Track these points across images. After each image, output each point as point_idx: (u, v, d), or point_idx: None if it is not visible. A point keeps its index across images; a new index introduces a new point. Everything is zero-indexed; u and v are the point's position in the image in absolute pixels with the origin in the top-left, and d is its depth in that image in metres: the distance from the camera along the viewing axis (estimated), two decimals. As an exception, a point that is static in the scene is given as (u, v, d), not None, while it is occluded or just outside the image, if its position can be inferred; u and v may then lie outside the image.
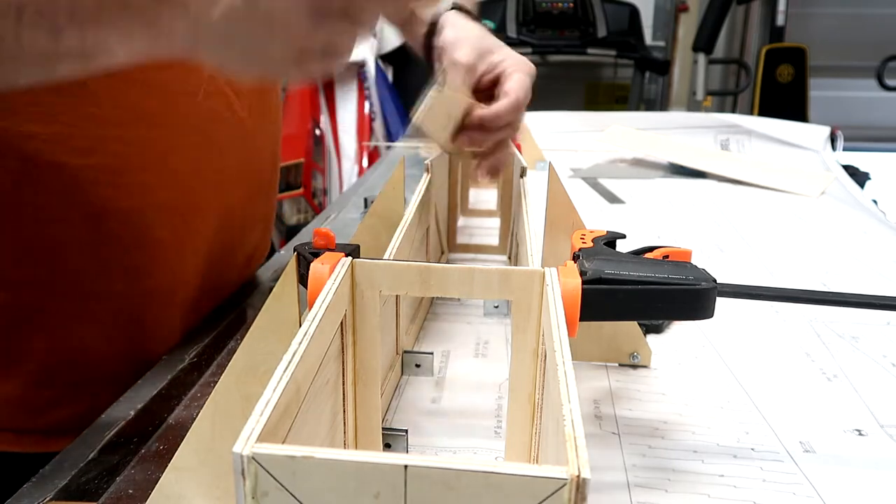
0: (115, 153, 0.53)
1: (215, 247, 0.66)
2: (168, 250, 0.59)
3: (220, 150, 0.61)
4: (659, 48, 3.03)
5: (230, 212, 0.66)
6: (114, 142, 0.53)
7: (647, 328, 0.62)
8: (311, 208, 2.66)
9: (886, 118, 3.21)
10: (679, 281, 0.39)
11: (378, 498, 0.22)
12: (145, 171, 0.55)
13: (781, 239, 0.95)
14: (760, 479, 0.43)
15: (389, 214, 0.58)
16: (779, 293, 0.45)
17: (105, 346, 0.58)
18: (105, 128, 0.52)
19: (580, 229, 0.47)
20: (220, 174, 0.62)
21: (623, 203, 1.14)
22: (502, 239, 0.84)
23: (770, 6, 3.03)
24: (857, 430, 0.49)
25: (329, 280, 0.36)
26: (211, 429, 0.34)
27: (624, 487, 0.42)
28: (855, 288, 0.76)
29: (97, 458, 0.44)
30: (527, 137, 1.31)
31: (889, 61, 2.78)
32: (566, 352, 0.29)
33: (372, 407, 0.40)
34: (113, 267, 0.56)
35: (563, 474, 0.21)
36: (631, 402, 0.52)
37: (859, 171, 2.25)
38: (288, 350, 0.28)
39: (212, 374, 0.55)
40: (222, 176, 0.63)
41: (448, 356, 0.59)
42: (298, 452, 0.21)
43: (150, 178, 0.56)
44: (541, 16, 2.70)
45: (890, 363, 0.59)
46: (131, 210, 0.55)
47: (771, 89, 2.97)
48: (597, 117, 1.69)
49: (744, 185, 1.26)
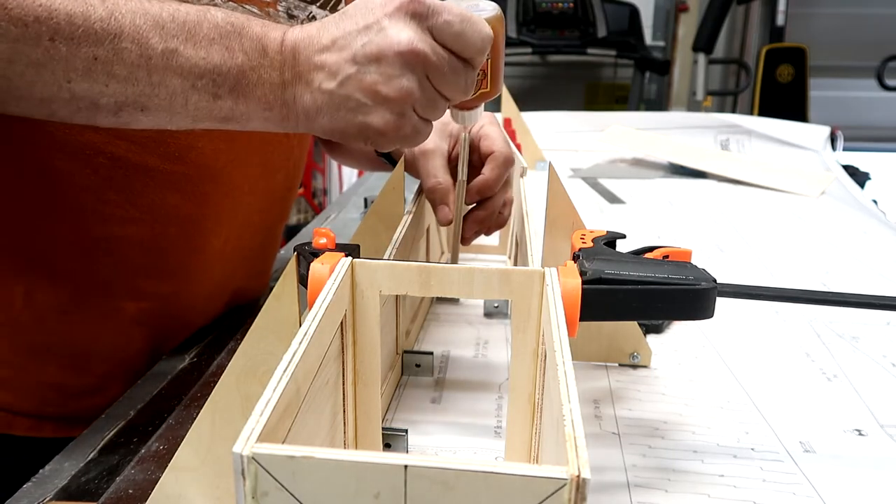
0: (194, 163, 0.56)
1: (256, 259, 0.70)
2: (217, 259, 0.63)
3: (273, 170, 0.65)
4: (659, 48, 3.03)
5: (273, 228, 0.71)
6: (197, 152, 0.56)
7: (647, 328, 0.62)
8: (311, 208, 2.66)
9: (886, 118, 3.21)
10: (679, 281, 0.39)
11: (378, 498, 0.22)
12: (211, 181, 0.58)
13: (781, 239, 0.95)
14: (760, 479, 0.43)
15: (389, 214, 0.58)
16: (779, 293, 0.45)
17: (140, 343, 0.61)
18: (193, 138, 0.55)
19: (580, 229, 0.47)
20: (270, 194, 0.67)
21: (623, 203, 1.14)
22: (502, 239, 0.84)
23: (770, 6, 3.03)
24: (857, 430, 0.49)
25: (329, 280, 0.36)
26: (211, 429, 0.34)
27: (624, 487, 0.42)
28: (855, 288, 0.76)
29: (97, 458, 0.44)
30: (527, 137, 1.31)
31: (889, 61, 2.78)
32: (566, 352, 0.29)
33: (372, 407, 0.40)
34: (164, 269, 0.59)
35: (563, 474, 0.21)
36: (631, 402, 0.52)
37: (859, 171, 2.25)
38: (288, 350, 0.28)
39: (212, 374, 0.55)
40: (273, 196, 0.67)
41: (448, 356, 0.59)
42: (298, 452, 0.21)
43: (214, 189, 0.59)
44: (541, 16, 2.69)
45: (890, 363, 0.59)
46: (191, 217, 0.58)
47: (771, 89, 2.97)
48: (597, 117, 1.69)
49: (744, 185, 1.26)
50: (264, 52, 0.43)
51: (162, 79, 0.41)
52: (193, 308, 0.64)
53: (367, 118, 0.44)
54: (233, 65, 0.42)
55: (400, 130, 0.44)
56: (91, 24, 0.39)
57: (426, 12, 0.42)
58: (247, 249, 0.67)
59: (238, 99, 0.43)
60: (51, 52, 0.38)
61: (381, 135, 0.44)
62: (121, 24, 0.40)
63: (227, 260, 0.64)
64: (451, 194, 0.60)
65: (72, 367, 0.58)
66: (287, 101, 0.44)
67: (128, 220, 0.56)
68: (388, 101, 0.43)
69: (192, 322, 0.65)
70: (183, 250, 0.60)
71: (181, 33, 0.41)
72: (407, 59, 0.42)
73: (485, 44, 0.44)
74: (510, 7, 2.70)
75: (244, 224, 0.64)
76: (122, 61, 0.40)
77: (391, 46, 0.42)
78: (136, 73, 0.40)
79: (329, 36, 0.43)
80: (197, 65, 0.42)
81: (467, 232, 0.63)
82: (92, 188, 0.53)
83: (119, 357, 0.60)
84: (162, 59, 0.41)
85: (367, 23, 0.43)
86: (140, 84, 0.41)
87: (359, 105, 0.43)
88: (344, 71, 0.43)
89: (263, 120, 0.45)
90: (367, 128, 0.44)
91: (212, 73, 0.42)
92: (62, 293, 0.56)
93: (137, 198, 0.55)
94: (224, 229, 0.62)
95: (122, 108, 0.42)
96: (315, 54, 0.43)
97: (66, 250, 0.55)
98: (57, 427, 0.58)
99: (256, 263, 0.72)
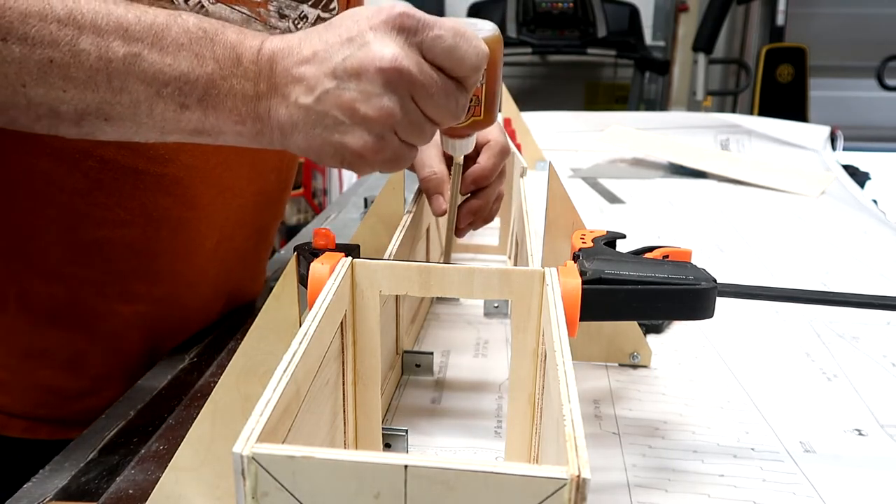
0: (183, 164, 0.56)
1: (250, 260, 0.70)
2: (211, 261, 0.62)
3: (265, 171, 0.65)
4: (659, 48, 3.03)
5: (267, 228, 0.71)
6: (186, 155, 0.55)
7: (647, 328, 0.62)
8: (311, 208, 2.66)
9: (886, 118, 3.21)
10: (679, 281, 0.39)
11: (378, 498, 0.22)
12: (201, 183, 0.58)
13: (781, 239, 0.95)
14: (760, 479, 0.43)
15: (389, 214, 0.58)
16: (779, 293, 0.45)
17: (134, 345, 0.61)
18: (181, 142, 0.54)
19: (580, 229, 0.47)
20: (263, 195, 0.66)
21: (623, 203, 1.14)
22: (502, 239, 0.84)
23: (770, 6, 3.03)
24: (857, 430, 0.49)
25: (329, 280, 0.36)
26: (211, 429, 0.34)
27: (624, 487, 0.42)
28: (855, 288, 0.76)
29: (97, 458, 0.44)
30: (527, 137, 1.31)
31: (889, 61, 2.78)
32: (566, 352, 0.29)
33: (372, 407, 0.40)
34: (157, 272, 0.59)
35: (563, 474, 0.21)
36: (631, 402, 0.52)
37: (859, 171, 2.25)
38: (288, 350, 0.28)
39: (212, 374, 0.55)
40: (265, 197, 0.66)
41: (448, 356, 0.59)
42: (298, 452, 0.21)
43: (205, 190, 0.58)
44: (541, 16, 2.69)
45: (890, 363, 0.59)
46: (182, 219, 0.58)
47: (771, 89, 2.97)
48: (597, 117, 1.69)
49: (744, 185, 1.26)
50: (238, 61, 0.40)
51: (124, 84, 0.38)
52: (189, 310, 0.63)
53: (343, 138, 0.40)
54: (202, 73, 0.39)
55: (379, 154, 0.41)
56: (47, 24, 0.37)
57: (415, 27, 0.39)
58: (241, 251, 0.67)
59: (207, 110, 0.40)
60: (3, 53, 0.36)
61: (359, 157, 0.41)
62: (80, 24, 0.37)
63: (221, 261, 0.64)
64: (445, 184, 0.59)
65: (67, 370, 0.58)
66: (261, 114, 0.41)
67: (118, 223, 0.55)
68: (366, 121, 0.40)
69: (189, 325, 0.64)
70: (175, 253, 0.59)
71: (146, 37, 0.39)
72: (389, 76, 0.39)
73: (479, 61, 0.41)
74: (510, 7, 2.70)
75: (237, 225, 0.64)
76: (81, 64, 0.37)
77: (372, 62, 0.39)
78: (95, 78, 0.38)
79: (310, 47, 0.40)
80: (162, 71, 0.39)
81: (462, 222, 0.61)
82: (81, 191, 0.53)
83: (115, 360, 0.60)
84: (123, 63, 0.38)
85: (350, 35, 0.40)
86: (100, 90, 0.38)
87: (336, 123, 0.40)
88: (322, 85, 0.39)
89: (236, 134, 0.42)
90: (344, 148, 0.41)
91: (178, 80, 0.39)
92: (56, 296, 0.56)
93: (127, 201, 0.55)
94: (216, 231, 0.61)
95: (84, 118, 0.39)
96: (294, 66, 0.40)
97: (58, 253, 0.55)
98: (53, 429, 0.58)
99: (251, 264, 0.72)
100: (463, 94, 0.42)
